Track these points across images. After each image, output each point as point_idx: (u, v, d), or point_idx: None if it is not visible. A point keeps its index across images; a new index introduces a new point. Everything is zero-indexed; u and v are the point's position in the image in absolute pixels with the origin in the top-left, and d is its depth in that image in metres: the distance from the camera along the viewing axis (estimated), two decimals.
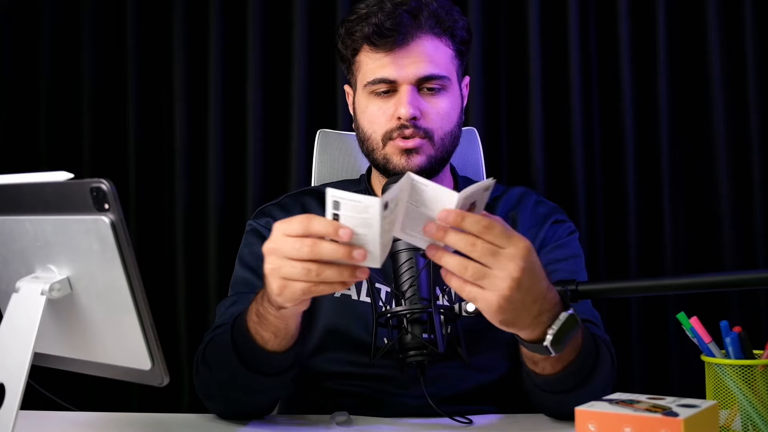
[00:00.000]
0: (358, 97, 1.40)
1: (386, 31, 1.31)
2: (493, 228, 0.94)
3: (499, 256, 0.94)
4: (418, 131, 1.32)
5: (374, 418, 1.23)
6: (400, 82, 1.33)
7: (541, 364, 1.11)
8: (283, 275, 0.97)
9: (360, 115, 1.39)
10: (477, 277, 0.94)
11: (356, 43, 1.36)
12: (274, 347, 1.12)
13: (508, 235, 0.96)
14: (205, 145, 2.13)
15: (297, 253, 0.94)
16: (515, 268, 0.94)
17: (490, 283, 0.94)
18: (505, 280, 0.94)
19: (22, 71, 2.14)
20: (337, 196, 0.92)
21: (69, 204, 0.88)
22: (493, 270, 0.94)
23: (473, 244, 0.94)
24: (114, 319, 0.92)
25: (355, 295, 1.34)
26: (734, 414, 1.02)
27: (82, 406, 1.30)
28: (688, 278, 1.05)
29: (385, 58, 1.33)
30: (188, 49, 2.13)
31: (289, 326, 1.11)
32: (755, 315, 2.00)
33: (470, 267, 0.94)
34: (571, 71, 2.05)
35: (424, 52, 1.33)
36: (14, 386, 0.89)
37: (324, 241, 0.93)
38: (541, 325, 1.00)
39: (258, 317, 1.10)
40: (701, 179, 2.06)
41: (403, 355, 1.15)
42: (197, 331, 1.99)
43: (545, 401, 1.19)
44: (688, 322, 1.06)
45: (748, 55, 2.01)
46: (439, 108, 1.35)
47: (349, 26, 1.37)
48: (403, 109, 1.31)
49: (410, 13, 1.32)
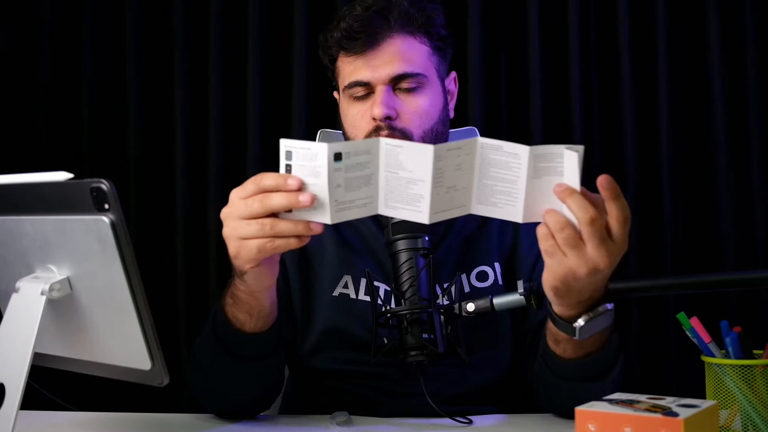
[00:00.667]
0: (341, 102, 1.41)
1: (355, 34, 1.31)
2: (625, 207, 0.95)
3: (605, 243, 0.95)
4: (393, 132, 1.31)
5: (374, 418, 1.23)
6: (374, 83, 1.32)
7: (563, 345, 1.12)
8: (238, 235, 0.99)
9: (344, 119, 1.39)
10: (568, 242, 0.95)
11: (332, 50, 1.37)
12: (252, 328, 1.14)
13: (625, 219, 0.96)
14: (205, 145, 2.13)
15: (249, 211, 0.98)
16: (605, 263, 0.96)
17: (573, 256, 0.96)
18: (589, 263, 0.96)
19: (22, 71, 2.14)
20: (289, 145, 0.94)
21: (69, 204, 0.88)
22: (587, 248, 0.96)
23: (593, 219, 0.94)
24: (114, 319, 0.92)
25: (354, 293, 1.34)
26: (734, 414, 1.02)
27: (82, 406, 1.30)
28: (688, 278, 1.06)
29: (357, 61, 1.33)
30: (188, 49, 2.13)
31: (262, 303, 1.12)
32: (755, 315, 2.00)
33: (567, 230, 0.95)
34: (571, 71, 2.05)
35: (397, 52, 1.32)
36: (14, 386, 0.89)
37: (273, 193, 0.96)
38: (579, 307, 1.02)
39: (232, 299, 1.13)
40: (701, 179, 2.06)
41: (403, 354, 1.15)
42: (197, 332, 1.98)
43: (553, 388, 1.19)
44: (688, 322, 1.06)
45: (748, 55, 2.01)
46: (417, 106, 1.33)
47: (325, 34, 1.38)
48: (376, 110, 1.31)
49: (379, 13, 1.32)
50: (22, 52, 2.14)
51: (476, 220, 1.40)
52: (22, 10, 2.14)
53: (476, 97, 2.04)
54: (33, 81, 2.14)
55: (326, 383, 1.34)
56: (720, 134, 2.02)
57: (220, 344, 1.17)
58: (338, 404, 1.26)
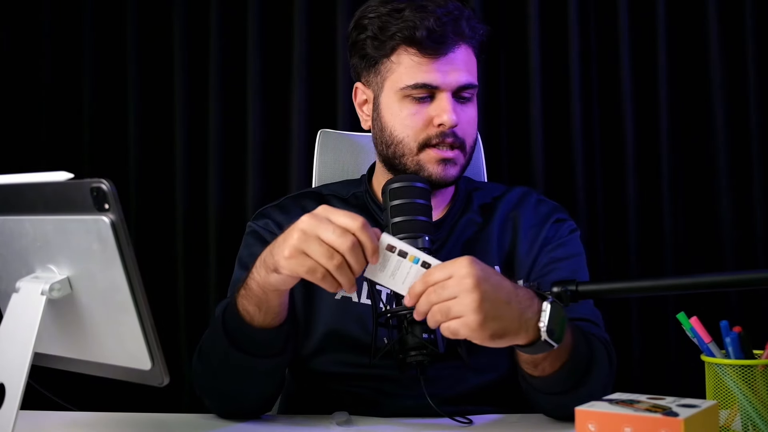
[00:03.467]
0: (385, 98, 1.36)
1: (439, 37, 1.30)
2: (431, 273, 1.02)
3: (448, 284, 1.00)
4: (456, 140, 1.32)
5: (374, 418, 1.23)
6: (442, 89, 1.31)
7: (541, 365, 1.11)
8: (305, 249, 1.01)
9: (391, 118, 1.35)
10: (445, 313, 1.00)
11: (393, 42, 1.32)
12: (260, 323, 1.14)
13: (443, 265, 1.02)
14: (205, 145, 2.13)
15: (331, 239, 1.01)
16: (469, 283, 0.98)
17: (458, 309, 0.99)
18: (467, 296, 0.98)
19: (23, 71, 2.14)
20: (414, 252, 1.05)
21: (69, 204, 0.88)
22: (451, 300, 0.99)
23: (428, 294, 1.01)
24: (114, 319, 0.92)
25: (355, 297, 1.34)
26: (734, 414, 1.02)
27: (82, 406, 1.29)
28: (688, 278, 1.05)
29: (430, 64, 1.31)
30: (188, 49, 2.13)
31: (270, 300, 1.12)
32: (755, 315, 2.00)
33: (434, 309, 1.01)
34: (571, 71, 2.05)
35: (463, 61, 1.33)
36: (14, 386, 0.89)
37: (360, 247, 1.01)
38: (530, 325, 1.02)
39: (245, 289, 1.13)
40: (701, 179, 2.06)
41: (404, 355, 1.15)
42: (197, 331, 1.99)
43: (545, 403, 1.19)
44: (688, 322, 1.06)
45: (748, 55, 2.02)
46: (470, 117, 1.36)
47: (383, 24, 1.32)
48: (446, 117, 1.30)
49: (455, 21, 1.32)
50: (23, 53, 2.14)
51: (476, 224, 1.40)
52: (23, 11, 2.14)
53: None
54: (33, 81, 2.14)
55: (327, 384, 1.34)
56: (720, 134, 2.03)
57: (229, 336, 1.17)
58: (338, 404, 1.26)
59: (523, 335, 1.02)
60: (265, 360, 1.19)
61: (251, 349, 1.17)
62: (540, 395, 1.17)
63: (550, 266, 1.35)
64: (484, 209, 1.43)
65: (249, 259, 1.39)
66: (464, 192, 1.45)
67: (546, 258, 1.37)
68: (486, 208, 1.43)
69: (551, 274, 1.33)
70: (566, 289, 1.04)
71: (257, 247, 1.39)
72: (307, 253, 1.01)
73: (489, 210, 1.42)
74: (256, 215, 1.46)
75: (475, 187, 1.49)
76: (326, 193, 1.47)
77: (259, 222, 1.43)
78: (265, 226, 1.41)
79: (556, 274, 1.33)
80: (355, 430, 1.16)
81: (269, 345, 1.18)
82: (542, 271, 1.35)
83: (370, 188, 1.46)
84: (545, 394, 1.16)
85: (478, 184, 1.51)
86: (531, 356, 1.08)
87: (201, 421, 1.24)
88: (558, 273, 1.33)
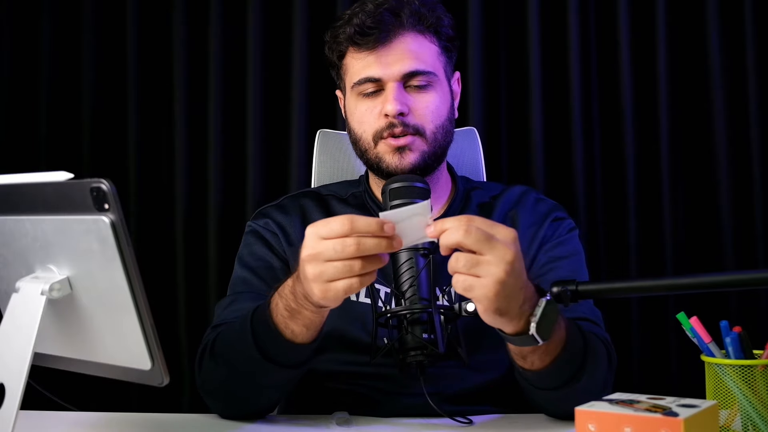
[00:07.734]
0: (347, 99, 1.41)
1: (368, 30, 1.32)
2: (475, 219, 0.98)
3: (492, 241, 0.97)
4: (407, 128, 1.33)
5: (374, 418, 1.23)
6: (386, 80, 1.33)
7: (530, 358, 1.11)
8: (326, 278, 1.00)
9: (351, 117, 1.40)
10: (471, 265, 0.97)
11: (341, 46, 1.38)
12: (303, 339, 1.13)
13: (492, 223, 0.99)
14: (205, 145, 2.13)
15: (339, 254, 0.98)
16: (508, 252, 0.97)
17: (484, 269, 0.97)
18: (500, 264, 0.97)
19: (23, 71, 2.14)
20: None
21: (69, 204, 0.88)
22: (486, 256, 0.97)
23: (467, 231, 0.96)
24: (114, 319, 0.92)
25: (354, 296, 1.34)
26: (734, 414, 1.02)
27: (82, 406, 1.30)
28: (688, 278, 1.05)
29: (369, 57, 1.34)
30: (188, 49, 2.13)
31: (324, 317, 1.13)
32: (755, 315, 2.00)
33: (461, 257, 0.97)
34: (571, 71, 2.05)
35: (408, 49, 1.34)
36: (14, 386, 0.89)
37: (366, 237, 0.98)
38: (524, 315, 1.02)
39: (289, 312, 1.11)
40: (701, 179, 2.06)
41: (404, 354, 1.15)
42: (197, 331, 1.99)
43: (540, 399, 1.19)
44: (688, 322, 1.06)
45: (748, 55, 2.02)
46: (428, 103, 1.35)
47: (333, 31, 1.39)
48: (389, 106, 1.32)
49: (391, 11, 1.34)
50: (23, 53, 2.14)
51: None
52: (23, 11, 2.14)
53: (476, 97, 2.04)
54: (33, 81, 2.14)
55: (327, 384, 1.34)
56: (720, 134, 2.03)
57: (261, 351, 1.14)
58: (338, 404, 1.26)
59: (516, 322, 1.02)
60: (293, 371, 1.18)
61: (285, 361, 1.16)
62: (534, 390, 1.17)
63: (549, 265, 1.35)
64: (483, 208, 1.43)
65: (249, 258, 1.40)
66: (463, 191, 1.46)
67: (545, 257, 1.37)
68: (484, 207, 1.43)
69: (550, 273, 1.33)
70: (566, 289, 1.04)
71: (257, 246, 1.40)
72: (331, 280, 1.00)
73: (487, 209, 1.43)
74: (256, 215, 1.46)
75: (473, 186, 1.49)
76: (325, 193, 1.47)
77: (259, 221, 1.43)
78: (265, 226, 1.42)
79: (556, 273, 1.33)
80: (355, 429, 1.16)
81: (304, 356, 1.17)
82: (541, 270, 1.35)
83: (369, 188, 1.47)
84: (538, 389, 1.16)
85: (477, 184, 1.51)
86: (518, 348, 1.08)
87: (201, 421, 1.24)
88: (557, 272, 1.33)
